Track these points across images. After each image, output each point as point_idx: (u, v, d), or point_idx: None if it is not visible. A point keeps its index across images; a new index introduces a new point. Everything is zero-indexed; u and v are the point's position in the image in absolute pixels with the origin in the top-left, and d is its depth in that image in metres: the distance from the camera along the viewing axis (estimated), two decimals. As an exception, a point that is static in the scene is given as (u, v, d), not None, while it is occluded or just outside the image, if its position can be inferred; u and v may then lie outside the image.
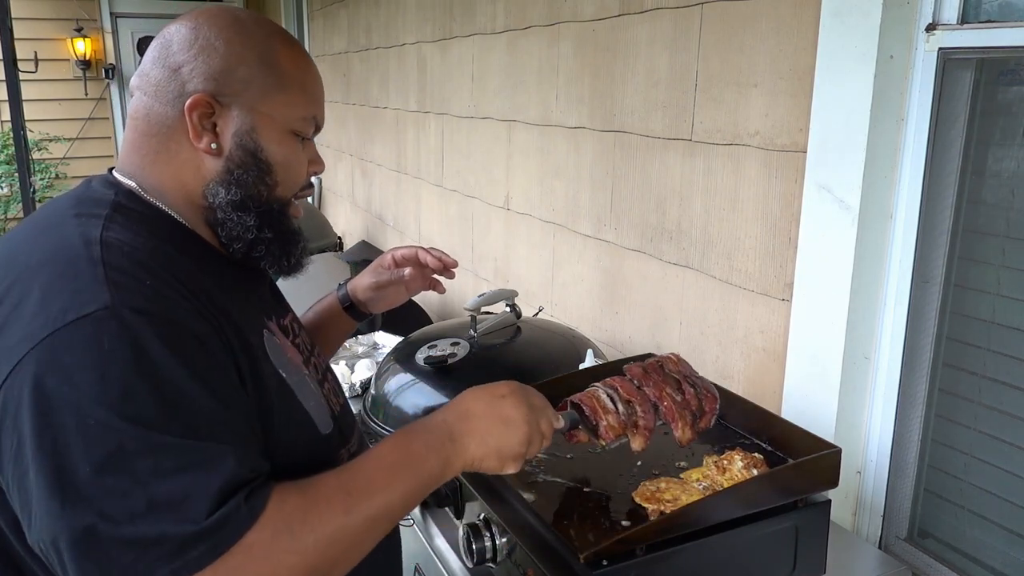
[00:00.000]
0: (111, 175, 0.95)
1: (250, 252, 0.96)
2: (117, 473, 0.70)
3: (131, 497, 0.69)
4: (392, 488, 0.85)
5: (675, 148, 1.83)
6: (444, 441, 0.91)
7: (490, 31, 2.69)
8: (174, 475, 0.71)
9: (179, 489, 0.71)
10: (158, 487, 0.70)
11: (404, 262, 1.32)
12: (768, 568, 1.11)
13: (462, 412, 0.95)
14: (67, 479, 0.70)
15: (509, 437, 0.95)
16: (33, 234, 0.87)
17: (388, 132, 3.88)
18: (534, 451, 0.99)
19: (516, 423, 0.96)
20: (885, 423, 1.47)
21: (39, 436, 0.71)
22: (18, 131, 4.36)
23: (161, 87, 0.91)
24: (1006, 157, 1.30)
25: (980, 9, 1.29)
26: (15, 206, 6.56)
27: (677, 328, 1.87)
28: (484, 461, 0.94)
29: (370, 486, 0.83)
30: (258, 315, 0.98)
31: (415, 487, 0.88)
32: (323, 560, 0.77)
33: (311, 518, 0.77)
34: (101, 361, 0.72)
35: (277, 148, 0.94)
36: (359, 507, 0.81)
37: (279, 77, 0.93)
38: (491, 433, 0.94)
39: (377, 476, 0.85)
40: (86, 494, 0.69)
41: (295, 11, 5.81)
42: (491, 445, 0.94)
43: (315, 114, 0.98)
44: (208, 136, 0.91)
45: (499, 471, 0.96)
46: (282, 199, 0.97)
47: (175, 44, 0.92)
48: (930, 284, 1.40)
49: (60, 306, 0.75)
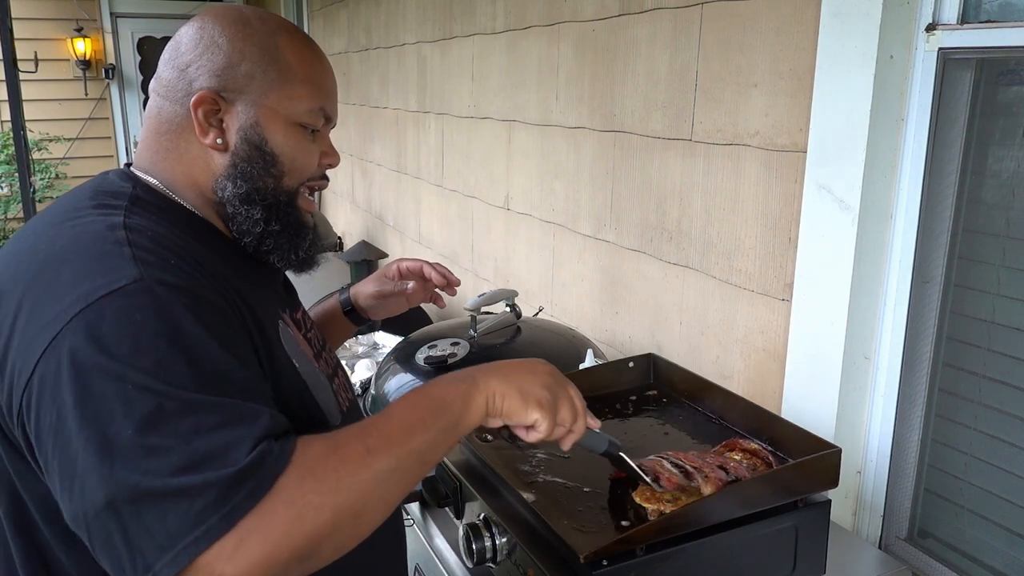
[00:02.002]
0: (128, 170, 0.97)
1: (260, 246, 0.98)
2: (160, 433, 0.71)
3: (175, 452, 0.71)
4: (413, 429, 0.83)
5: (675, 148, 1.83)
6: (464, 379, 0.90)
7: (490, 31, 2.69)
8: (215, 431, 0.72)
9: (221, 442, 0.72)
10: (200, 442, 0.71)
11: (409, 275, 1.34)
12: (768, 568, 1.11)
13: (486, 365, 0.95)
14: (113, 442, 0.71)
15: (533, 381, 0.93)
16: (54, 224, 0.88)
17: (388, 132, 3.88)
18: (564, 414, 0.94)
19: (541, 374, 0.94)
20: (885, 423, 1.47)
21: (81, 406, 0.72)
22: (18, 131, 4.36)
23: (171, 87, 0.94)
24: (1006, 157, 1.30)
25: (980, 9, 1.29)
26: (15, 206, 6.56)
27: (677, 328, 1.87)
28: (506, 398, 0.90)
29: (390, 428, 0.83)
30: (273, 305, 0.99)
31: (438, 428, 0.85)
32: (349, 501, 0.77)
33: (333, 460, 0.77)
34: (134, 331, 0.74)
35: (283, 140, 0.95)
36: (381, 448, 0.80)
37: (282, 71, 0.95)
38: (514, 372, 0.93)
39: (397, 419, 0.84)
40: (133, 455, 0.70)
41: (295, 11, 5.81)
42: (513, 383, 0.91)
43: (323, 105, 0.99)
44: (214, 132, 0.93)
45: (523, 416, 0.91)
46: (289, 190, 0.98)
47: (183, 44, 0.95)
48: (930, 284, 1.40)
49: (91, 283, 0.76)
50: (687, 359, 1.83)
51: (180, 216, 0.94)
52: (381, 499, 0.80)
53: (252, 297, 0.91)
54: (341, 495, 0.76)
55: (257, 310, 0.90)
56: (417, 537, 1.42)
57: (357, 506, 0.77)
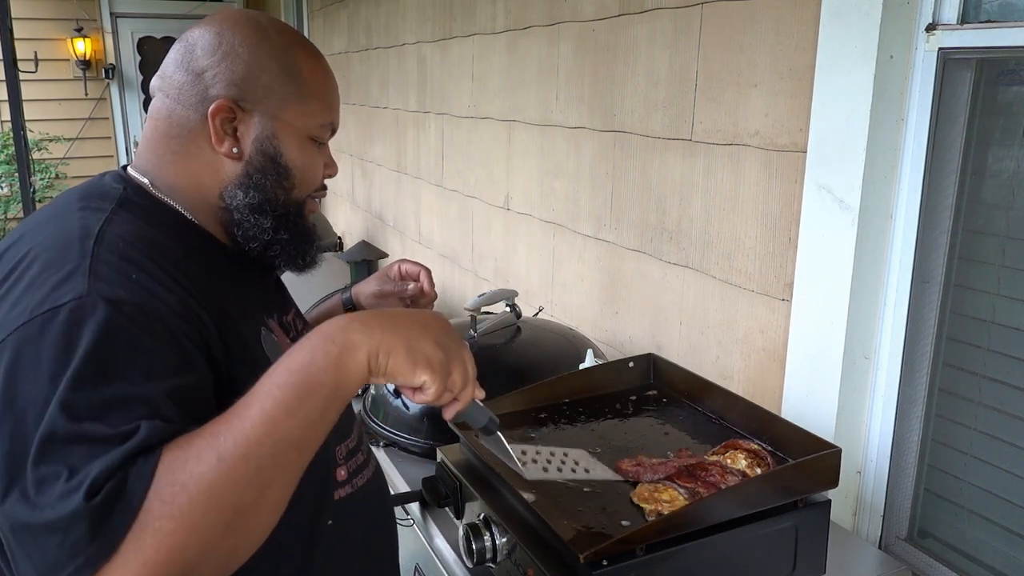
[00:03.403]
0: (124, 171, 0.97)
1: (265, 251, 0.99)
2: (47, 462, 0.69)
3: (59, 484, 0.68)
4: (274, 420, 0.72)
5: (675, 148, 1.83)
6: (336, 338, 0.77)
7: (490, 31, 2.69)
8: (88, 460, 0.69)
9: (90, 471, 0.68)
10: (76, 474, 0.68)
11: (408, 276, 1.34)
12: (768, 568, 1.11)
13: (372, 312, 0.83)
14: (10, 464, 0.70)
15: (425, 336, 0.80)
16: (42, 222, 0.89)
17: (388, 132, 3.88)
18: (456, 378, 0.82)
19: (434, 329, 0.82)
20: (885, 423, 1.47)
21: (1, 422, 0.73)
22: (18, 131, 4.36)
23: (184, 90, 0.94)
24: (1006, 157, 1.30)
25: (980, 9, 1.29)
26: (15, 206, 6.56)
27: (677, 328, 1.88)
28: (391, 355, 0.77)
29: (245, 427, 0.72)
30: (256, 311, 1.00)
31: (308, 409, 0.74)
32: (208, 518, 0.69)
33: (182, 475, 0.69)
34: (60, 351, 0.73)
35: (296, 154, 0.97)
36: (234, 454, 0.70)
37: (300, 87, 0.96)
38: (403, 325, 0.80)
39: (255, 411, 0.72)
40: (23, 479, 0.70)
41: (295, 11, 5.81)
42: (400, 336, 0.78)
43: (332, 120, 1.02)
44: (229, 140, 0.94)
45: (410, 377, 0.79)
46: (298, 201, 1.01)
47: (199, 48, 0.94)
48: (930, 284, 1.40)
49: (40, 296, 0.77)
50: (687, 359, 1.83)
51: (167, 218, 0.94)
52: (254, 505, 0.72)
53: (229, 303, 0.91)
54: (195, 514, 0.68)
55: (233, 315, 0.90)
56: (417, 537, 1.42)
57: (220, 521, 0.70)
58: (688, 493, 1.10)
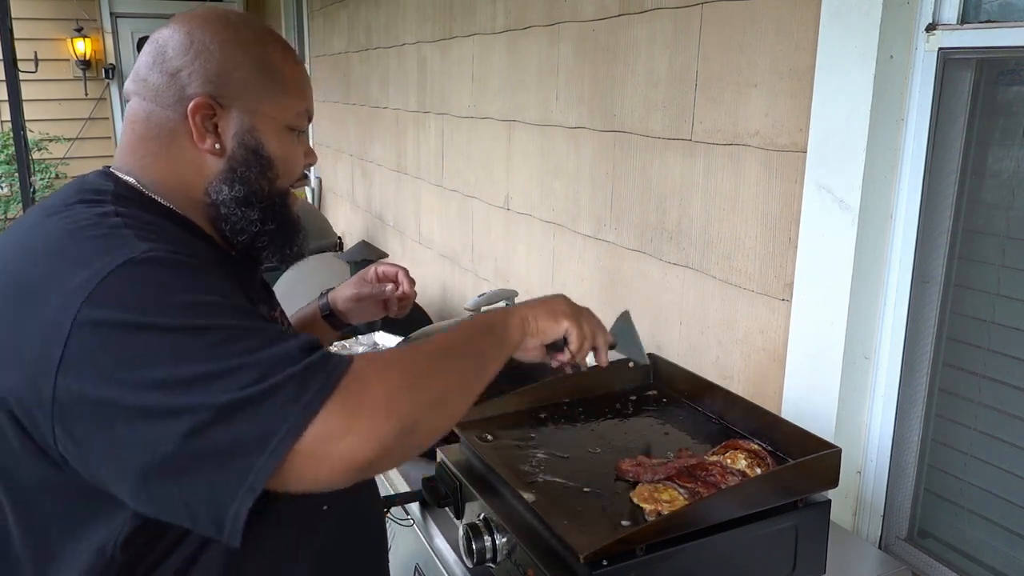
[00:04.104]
0: (107, 170, 0.97)
1: (253, 243, 1.00)
2: (222, 358, 0.73)
3: (243, 369, 0.72)
4: (471, 339, 0.93)
5: (675, 148, 1.83)
6: (497, 312, 1.02)
7: (490, 31, 2.69)
8: (268, 346, 0.75)
9: (281, 350, 0.75)
10: (262, 354, 0.74)
11: (386, 278, 1.35)
12: (768, 568, 1.11)
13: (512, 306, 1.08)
14: (179, 380, 0.72)
15: (556, 303, 1.07)
16: (40, 221, 0.88)
17: (388, 132, 3.88)
18: (587, 327, 1.07)
19: (560, 301, 1.08)
20: (885, 423, 1.47)
21: (130, 366, 0.72)
22: (18, 131, 4.36)
23: (161, 91, 0.94)
24: (1006, 157, 1.30)
25: (980, 9, 1.29)
26: (15, 206, 6.55)
27: (677, 328, 1.87)
28: (538, 319, 1.03)
29: (448, 339, 0.90)
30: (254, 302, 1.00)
31: (490, 343, 0.96)
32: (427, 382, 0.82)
33: (397, 354, 0.83)
34: (158, 290, 0.76)
35: (277, 145, 0.99)
36: (445, 351, 0.88)
37: (274, 79, 0.97)
38: (539, 303, 1.06)
39: (450, 336, 0.91)
40: (200, 384, 0.71)
41: (295, 11, 5.81)
42: (540, 307, 1.04)
43: (307, 107, 1.03)
44: (211, 137, 0.95)
45: (556, 328, 1.04)
46: (282, 191, 1.02)
47: (171, 49, 0.94)
48: (930, 284, 1.40)
49: (102, 261, 0.77)
50: (687, 359, 1.83)
51: (161, 212, 0.94)
52: (458, 391, 0.87)
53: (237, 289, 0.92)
54: (417, 374, 0.81)
55: None
56: (417, 537, 1.42)
57: (435, 389, 0.82)
58: (688, 493, 1.10)
